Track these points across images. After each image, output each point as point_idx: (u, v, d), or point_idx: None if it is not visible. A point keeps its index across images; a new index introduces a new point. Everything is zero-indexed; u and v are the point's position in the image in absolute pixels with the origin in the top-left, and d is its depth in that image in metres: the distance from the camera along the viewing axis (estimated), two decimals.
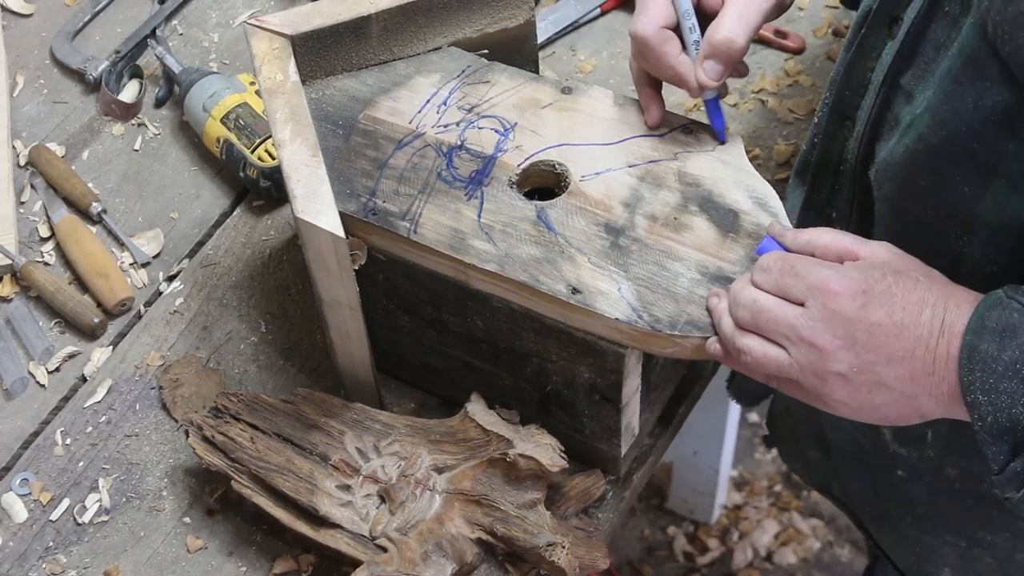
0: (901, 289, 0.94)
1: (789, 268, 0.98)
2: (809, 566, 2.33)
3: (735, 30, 1.09)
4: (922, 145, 0.98)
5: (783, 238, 1.04)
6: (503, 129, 1.18)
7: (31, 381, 1.33)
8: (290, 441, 1.18)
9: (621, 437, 1.17)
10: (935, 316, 0.93)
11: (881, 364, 0.94)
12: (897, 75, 1.03)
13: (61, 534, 1.23)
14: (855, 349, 0.94)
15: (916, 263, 0.98)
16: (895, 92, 1.04)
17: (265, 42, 1.20)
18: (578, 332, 1.09)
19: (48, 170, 1.46)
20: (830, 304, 0.95)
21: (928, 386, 0.94)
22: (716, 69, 1.11)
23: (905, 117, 1.01)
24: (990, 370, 0.90)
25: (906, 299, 0.94)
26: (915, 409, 0.96)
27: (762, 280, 1.00)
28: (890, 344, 0.94)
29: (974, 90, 0.92)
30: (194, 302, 1.37)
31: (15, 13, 1.62)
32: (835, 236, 1.01)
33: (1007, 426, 0.90)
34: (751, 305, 0.99)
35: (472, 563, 1.13)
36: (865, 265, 0.97)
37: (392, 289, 1.19)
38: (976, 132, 0.93)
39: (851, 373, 0.95)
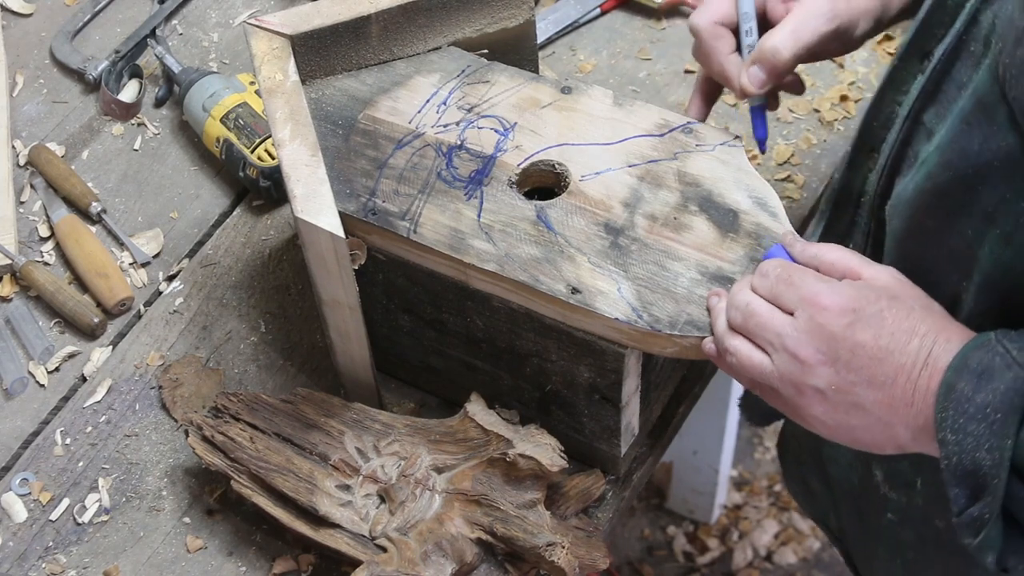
0: (893, 315, 0.94)
1: (786, 276, 0.98)
2: (809, 566, 2.33)
3: (784, 42, 1.10)
4: (930, 184, 0.97)
5: (792, 248, 1.04)
6: (503, 129, 1.18)
7: (31, 381, 1.33)
8: (290, 441, 1.18)
9: (621, 437, 1.17)
10: (922, 347, 0.93)
11: (861, 386, 0.94)
12: (921, 111, 1.02)
13: (61, 534, 1.23)
14: (836, 366, 0.94)
15: (917, 293, 0.97)
16: (917, 128, 1.03)
17: (265, 42, 1.20)
18: (578, 332, 1.09)
19: (48, 170, 1.46)
20: (817, 317, 0.95)
21: (905, 416, 0.93)
22: (759, 76, 1.12)
23: (922, 155, 1.01)
24: (962, 410, 0.89)
25: (896, 325, 0.93)
26: (891, 438, 0.96)
27: (759, 285, 1.00)
28: (872, 367, 0.93)
29: (981, 133, 0.91)
30: (194, 302, 1.37)
31: (15, 13, 1.62)
32: (842, 254, 1.00)
33: (970, 469, 0.89)
34: (744, 308, 0.99)
35: (472, 563, 1.13)
36: (862, 285, 0.96)
37: (392, 289, 1.19)
38: (980, 176, 0.92)
39: (829, 390, 0.95)
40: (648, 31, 1.54)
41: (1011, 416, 0.87)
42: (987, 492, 0.89)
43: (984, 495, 0.89)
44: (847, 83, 1.49)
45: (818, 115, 1.47)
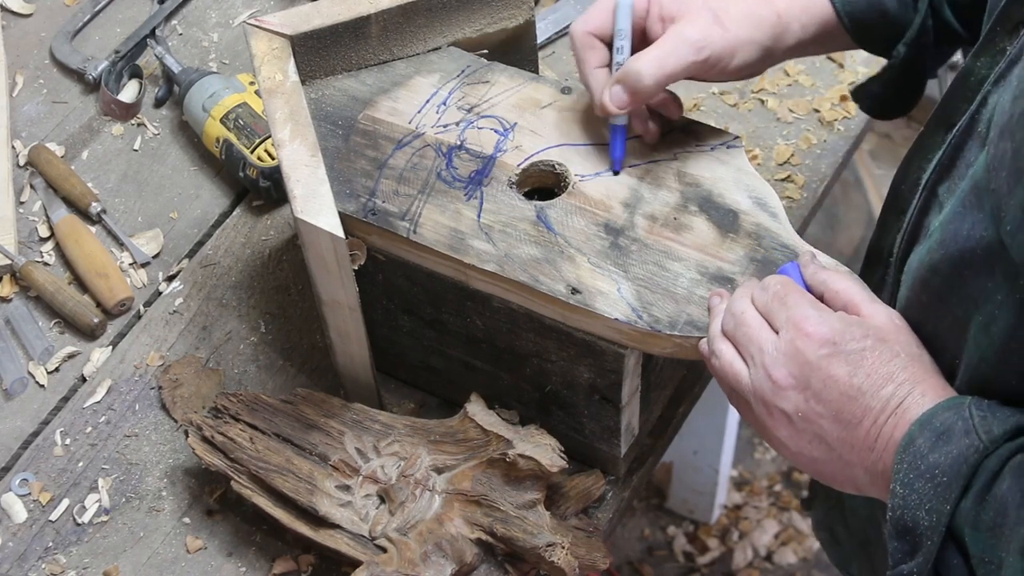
0: (874, 356, 0.93)
1: (783, 295, 0.98)
2: (809, 566, 2.33)
3: (648, 68, 1.08)
4: (929, 260, 0.97)
5: (805, 269, 1.03)
6: (503, 129, 1.18)
7: (31, 381, 1.33)
8: (290, 441, 1.18)
9: (621, 437, 1.17)
10: (895, 395, 0.92)
11: (826, 419, 0.93)
12: (937, 183, 1.01)
13: (61, 534, 1.23)
14: (805, 394, 0.94)
15: (910, 340, 0.96)
16: (933, 200, 1.02)
17: (265, 42, 1.20)
18: (578, 332, 1.09)
19: (48, 170, 1.46)
20: (797, 342, 0.94)
21: (865, 460, 0.93)
22: (621, 97, 1.10)
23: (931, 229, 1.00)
24: (914, 466, 0.89)
25: (874, 368, 0.93)
26: (849, 477, 0.95)
27: (757, 297, 1.00)
28: (841, 403, 0.93)
29: (971, 218, 0.91)
30: (194, 302, 1.37)
31: (15, 13, 1.62)
32: (848, 285, 1.00)
33: (909, 526, 0.89)
34: (737, 315, 0.99)
35: (472, 563, 1.13)
36: (853, 321, 0.96)
37: (392, 289, 1.19)
38: (967, 261, 0.91)
39: (795, 416, 0.95)
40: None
41: (955, 482, 0.87)
42: (920, 552, 0.89)
43: (917, 554, 0.89)
44: (847, 83, 1.48)
45: (818, 115, 1.47)
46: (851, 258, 2.52)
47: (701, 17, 1.09)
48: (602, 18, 1.12)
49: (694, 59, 1.08)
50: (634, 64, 1.08)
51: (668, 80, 1.09)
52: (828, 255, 1.08)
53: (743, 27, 1.10)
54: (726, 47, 1.09)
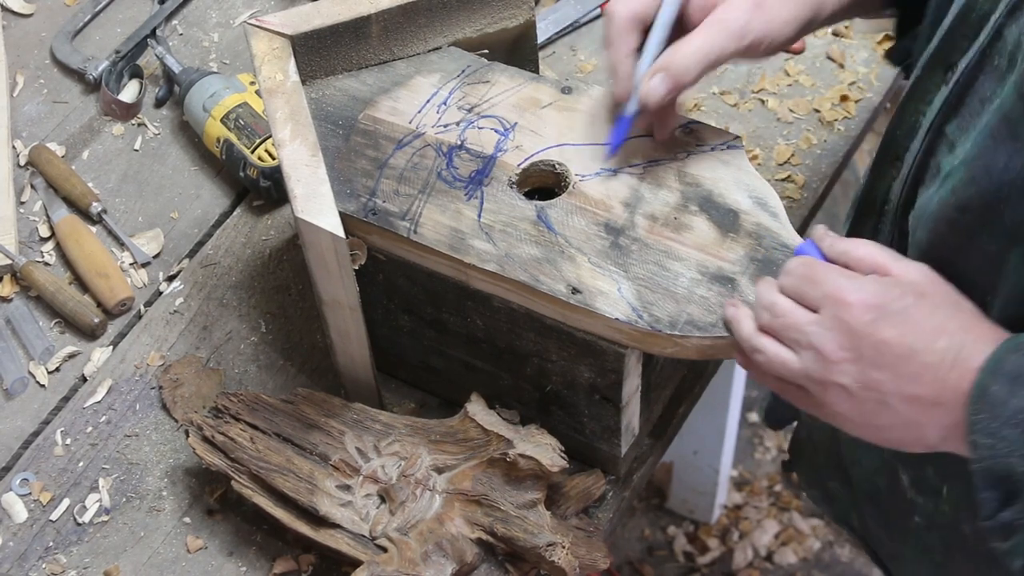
0: (920, 312, 0.92)
1: (810, 274, 0.97)
2: (809, 566, 2.33)
3: (692, 58, 1.05)
4: (954, 199, 0.96)
5: (822, 243, 1.02)
6: (503, 129, 1.18)
7: (31, 381, 1.33)
8: (290, 441, 1.18)
9: (621, 437, 1.17)
10: (950, 346, 0.91)
11: (886, 383, 0.93)
12: (943, 123, 1.01)
13: (61, 534, 1.23)
14: (860, 363, 0.93)
15: (947, 290, 0.96)
16: (940, 140, 1.02)
17: (265, 42, 1.20)
18: (578, 332, 1.09)
19: (48, 170, 1.46)
20: (841, 314, 0.93)
21: (934, 416, 0.92)
22: (660, 87, 1.06)
23: (945, 167, 1.00)
24: (996, 414, 0.88)
25: (923, 323, 0.92)
26: (918, 437, 0.95)
27: (785, 283, 0.99)
28: (898, 365, 0.92)
29: (1006, 150, 0.90)
30: (194, 302, 1.37)
31: (15, 13, 1.62)
32: (871, 249, 0.99)
33: (1002, 474, 0.88)
34: (770, 307, 0.98)
35: (472, 563, 1.13)
36: (889, 282, 0.95)
37: (392, 289, 1.19)
38: (1004, 193, 0.91)
39: (854, 387, 0.94)
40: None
41: None
42: (1019, 498, 0.88)
43: (1016, 501, 0.89)
44: (847, 83, 1.49)
45: (818, 115, 1.47)
46: None
47: (742, 2, 1.06)
48: (647, 2, 1.08)
49: (736, 47, 1.06)
50: (676, 53, 1.05)
51: (710, 69, 1.06)
52: None
53: (784, 6, 1.08)
54: (768, 30, 1.07)
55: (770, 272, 1.07)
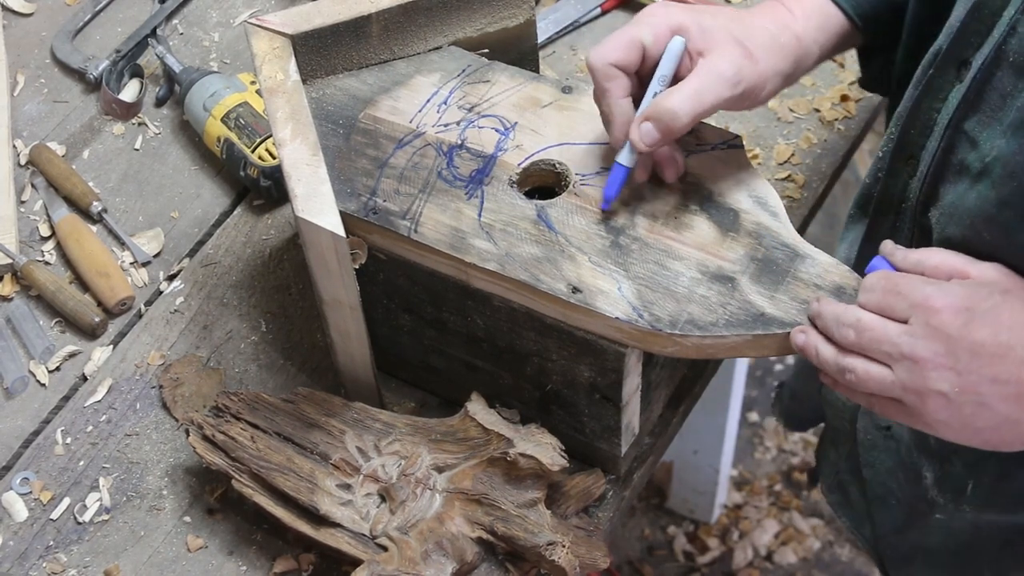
0: (1009, 309, 0.92)
1: (892, 286, 0.97)
2: (809, 566, 2.33)
3: (683, 105, 1.04)
4: (993, 195, 0.96)
5: (893, 257, 1.02)
6: (503, 128, 1.18)
7: (31, 380, 1.33)
8: (290, 440, 1.18)
9: (621, 436, 1.17)
10: None
11: (984, 385, 0.92)
12: (962, 120, 1.01)
13: (61, 533, 1.23)
14: (957, 368, 0.93)
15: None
16: (959, 137, 1.02)
17: (265, 41, 1.20)
18: (578, 331, 1.09)
19: (49, 169, 1.46)
20: (932, 321, 0.93)
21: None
22: (652, 135, 1.05)
23: (973, 164, 1.00)
24: None
25: (1014, 319, 0.92)
26: (1017, 434, 0.95)
27: (867, 300, 0.98)
28: (994, 365, 0.92)
29: None
30: (194, 301, 1.37)
31: (16, 12, 1.62)
32: (944, 256, 0.99)
33: None
34: (855, 324, 0.97)
35: (472, 562, 1.13)
36: (972, 283, 0.95)
37: (392, 288, 1.19)
38: None
39: (952, 392, 0.93)
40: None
41: None
42: None
43: None
44: (847, 83, 1.49)
45: (818, 115, 1.47)
46: None
47: (732, 50, 1.06)
48: (623, 50, 1.06)
49: (729, 94, 1.05)
50: (668, 101, 1.04)
51: (702, 117, 1.05)
52: (828, 254, 1.08)
53: (771, 57, 1.08)
54: (758, 80, 1.07)
55: (770, 271, 1.07)
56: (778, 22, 1.11)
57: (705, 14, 1.08)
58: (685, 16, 1.07)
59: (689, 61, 1.07)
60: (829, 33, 1.12)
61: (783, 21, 1.11)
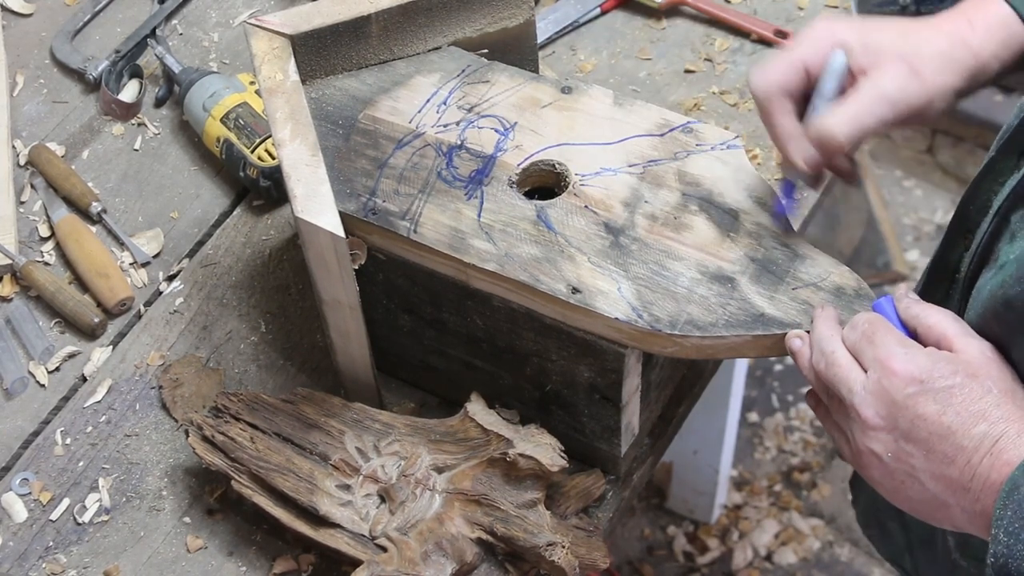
0: (964, 394, 0.91)
1: (870, 333, 0.96)
2: (809, 566, 2.33)
3: (844, 128, 1.01)
4: (1002, 292, 0.96)
5: (899, 303, 1.01)
6: (503, 129, 1.18)
7: (31, 381, 1.33)
8: (290, 441, 1.18)
9: (621, 437, 1.17)
10: (989, 434, 0.90)
11: (918, 459, 0.92)
12: (1010, 210, 1.00)
13: (61, 534, 1.23)
14: (894, 434, 0.93)
15: (1004, 375, 0.94)
16: (1004, 226, 1.01)
17: (265, 41, 1.20)
18: (578, 332, 1.09)
19: (48, 170, 1.46)
20: (884, 381, 0.93)
21: (962, 500, 0.91)
22: (814, 157, 1.04)
23: (1002, 257, 0.99)
24: (1019, 514, 0.86)
25: (965, 405, 0.91)
26: (946, 516, 0.94)
27: (846, 336, 0.98)
28: (931, 442, 0.91)
29: None
30: (194, 302, 1.37)
31: (15, 13, 1.62)
32: (941, 319, 0.97)
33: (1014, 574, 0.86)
34: (828, 355, 0.98)
35: (472, 563, 1.13)
36: (942, 356, 0.94)
37: (392, 288, 1.19)
38: None
39: (886, 456, 0.93)
40: (648, 31, 1.54)
41: None
42: None
43: None
44: None
45: None
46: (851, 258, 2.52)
47: (897, 69, 1.01)
48: (784, 73, 1.04)
49: (893, 115, 1.01)
50: (828, 122, 1.02)
51: (863, 138, 1.02)
52: (828, 255, 1.08)
53: (940, 74, 1.02)
54: (924, 99, 1.02)
55: (768, 272, 1.07)
56: (953, 37, 1.04)
57: (871, 29, 1.04)
58: (849, 32, 1.04)
59: (852, 79, 1.04)
60: (1012, 50, 1.05)
61: (960, 36, 1.04)
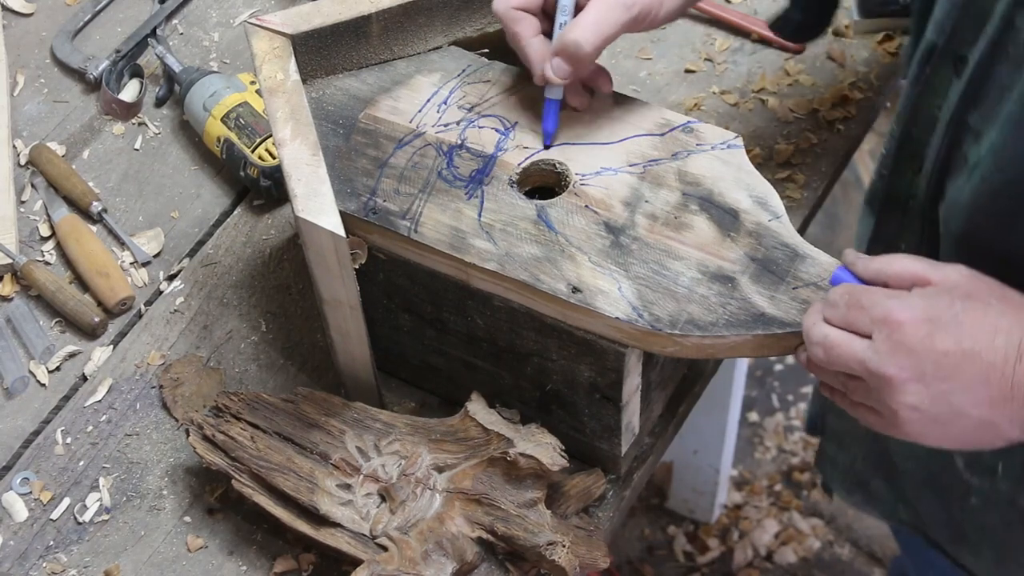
0: (970, 316, 0.92)
1: (855, 301, 0.96)
2: (809, 565, 2.33)
3: (585, 35, 1.09)
4: (985, 187, 0.97)
5: (854, 267, 1.02)
6: (503, 128, 1.18)
7: (31, 380, 1.33)
8: (290, 440, 1.18)
9: (621, 436, 1.17)
10: (1009, 342, 0.91)
11: (955, 393, 0.92)
12: (964, 114, 1.01)
13: (62, 533, 1.23)
14: (924, 380, 0.93)
15: (991, 285, 0.95)
16: (963, 131, 1.02)
17: (265, 41, 1.20)
18: (578, 331, 1.09)
19: (48, 169, 1.46)
20: (895, 335, 0.93)
21: (1007, 411, 0.92)
22: (563, 68, 1.11)
23: (972, 157, 1.00)
24: None
25: (976, 326, 0.92)
26: (997, 435, 0.95)
27: (831, 315, 0.98)
28: (961, 372, 0.92)
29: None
30: (194, 301, 1.37)
31: (16, 12, 1.62)
32: (906, 263, 0.98)
33: None
34: (823, 341, 0.98)
35: (472, 562, 1.13)
36: (932, 292, 0.95)
37: (392, 288, 1.19)
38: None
39: (924, 405, 0.93)
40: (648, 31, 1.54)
41: None
42: None
43: None
44: (847, 83, 1.49)
45: (818, 115, 1.47)
46: None
47: None
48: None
49: (627, 17, 1.10)
50: (571, 33, 1.10)
51: (606, 43, 1.10)
52: (828, 254, 1.08)
53: None
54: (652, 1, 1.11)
55: (770, 272, 1.07)
56: None
57: None
58: None
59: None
60: None
61: None
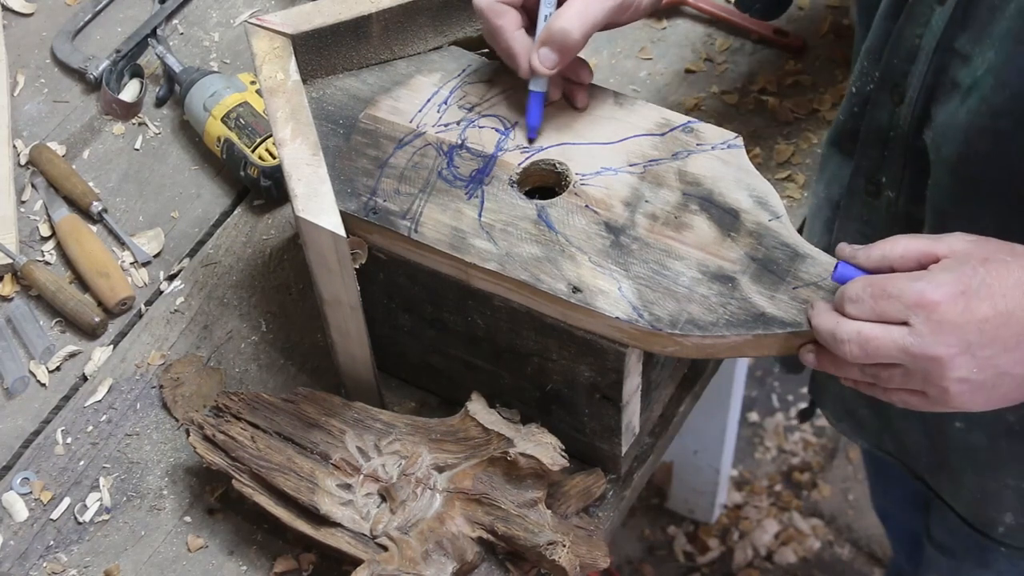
0: (996, 278, 0.94)
1: (881, 291, 0.97)
2: (809, 566, 2.33)
3: (572, 23, 1.09)
4: (985, 107, 0.98)
5: (855, 259, 1.02)
6: (504, 128, 1.18)
7: (32, 380, 1.33)
8: (291, 440, 1.18)
9: (621, 436, 1.17)
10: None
11: (999, 356, 0.94)
12: (951, 39, 1.02)
13: (62, 533, 1.23)
14: (971, 351, 0.94)
15: (996, 244, 0.97)
16: (950, 56, 1.03)
17: (266, 41, 1.20)
18: (579, 331, 1.09)
19: (49, 169, 1.46)
20: (934, 316, 0.94)
21: None
22: (551, 58, 1.11)
23: (965, 80, 1.01)
24: None
25: (1005, 286, 0.94)
26: None
27: (856, 311, 0.98)
28: (1002, 334, 0.94)
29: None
30: (195, 301, 1.37)
31: (16, 12, 1.62)
32: (906, 243, 0.99)
33: None
34: (856, 337, 0.97)
35: (473, 562, 1.13)
36: (952, 264, 0.96)
37: (393, 288, 1.19)
38: None
39: (973, 375, 0.95)
40: (649, 31, 1.55)
41: None
42: None
43: None
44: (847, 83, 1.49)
45: (818, 115, 1.47)
46: None
47: None
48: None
49: (612, 3, 1.10)
50: (558, 22, 1.10)
51: (593, 30, 1.10)
52: (828, 254, 1.08)
53: None
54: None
55: (770, 272, 1.07)
56: None
57: None
58: None
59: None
60: None
61: None
